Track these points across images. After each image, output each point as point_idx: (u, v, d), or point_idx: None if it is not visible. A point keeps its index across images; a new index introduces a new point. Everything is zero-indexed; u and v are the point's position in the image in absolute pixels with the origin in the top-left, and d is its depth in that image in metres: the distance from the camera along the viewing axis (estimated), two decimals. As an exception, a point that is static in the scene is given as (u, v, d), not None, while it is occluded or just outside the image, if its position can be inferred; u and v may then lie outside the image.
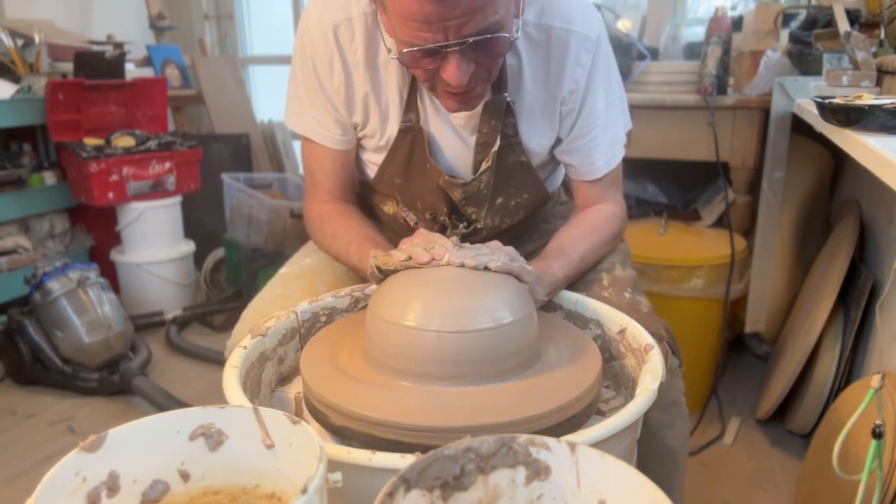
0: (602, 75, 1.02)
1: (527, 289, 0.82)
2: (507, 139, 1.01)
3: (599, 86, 1.02)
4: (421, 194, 1.07)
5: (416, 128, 1.01)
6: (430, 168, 1.03)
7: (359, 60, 0.99)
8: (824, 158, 2.06)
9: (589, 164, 1.05)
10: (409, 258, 0.81)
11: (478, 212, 1.06)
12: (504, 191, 1.06)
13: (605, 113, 1.04)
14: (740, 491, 1.64)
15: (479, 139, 1.00)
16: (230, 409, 0.63)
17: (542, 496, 0.57)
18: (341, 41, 0.98)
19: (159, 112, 2.80)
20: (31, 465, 1.79)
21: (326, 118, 1.05)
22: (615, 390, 0.91)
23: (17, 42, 2.50)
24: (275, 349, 0.90)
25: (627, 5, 2.78)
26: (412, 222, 1.12)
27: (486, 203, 1.05)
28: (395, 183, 1.08)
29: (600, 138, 1.04)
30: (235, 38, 3.75)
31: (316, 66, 1.01)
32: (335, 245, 1.05)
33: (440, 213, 1.07)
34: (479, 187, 1.03)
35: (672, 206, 2.29)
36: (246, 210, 2.61)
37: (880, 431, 0.89)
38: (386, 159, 1.06)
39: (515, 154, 1.03)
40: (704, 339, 1.97)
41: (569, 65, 0.99)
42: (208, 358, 2.33)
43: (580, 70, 0.99)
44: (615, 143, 1.06)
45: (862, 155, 0.98)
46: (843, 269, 1.67)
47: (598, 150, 1.04)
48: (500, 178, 1.04)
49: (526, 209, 1.10)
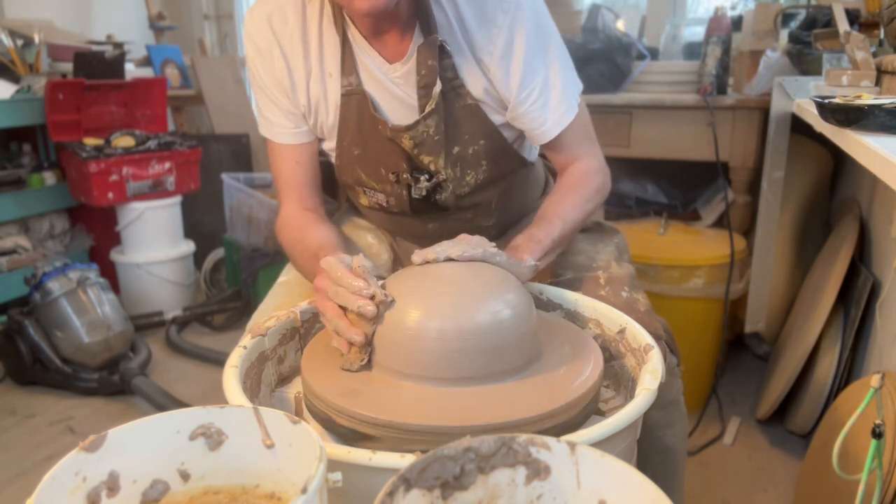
0: (527, 35, 0.99)
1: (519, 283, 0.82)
2: (448, 82, 1.00)
3: (526, 46, 0.99)
4: (380, 157, 1.06)
5: (357, 90, 1.01)
6: (380, 126, 1.02)
7: (296, 41, 1.01)
8: (824, 158, 2.06)
9: (538, 125, 1.03)
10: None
11: (434, 161, 1.04)
12: (458, 138, 1.04)
13: (545, 71, 1.01)
14: (740, 491, 1.64)
15: (420, 82, 0.99)
16: (230, 409, 0.63)
17: (542, 496, 0.57)
18: (275, 28, 1.01)
19: (159, 112, 2.80)
20: (31, 465, 1.79)
21: (276, 114, 1.06)
22: (615, 390, 0.91)
23: (16, 42, 2.50)
24: (275, 349, 0.90)
25: (627, 5, 2.79)
26: (384, 202, 1.11)
27: (441, 150, 1.03)
28: (355, 155, 1.07)
29: (544, 97, 1.01)
30: (235, 38, 3.76)
31: (256, 64, 1.04)
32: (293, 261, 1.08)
33: (401, 170, 1.06)
34: (429, 132, 1.01)
35: (672, 206, 2.29)
36: (246, 210, 2.62)
37: (880, 431, 0.89)
38: (339, 132, 1.06)
39: (460, 97, 1.02)
40: (704, 338, 1.97)
41: (485, 24, 0.98)
42: (208, 358, 2.33)
43: (496, 30, 0.98)
44: (563, 100, 1.03)
45: (862, 155, 0.98)
46: (843, 269, 1.67)
47: (543, 109, 1.02)
48: (451, 124, 1.03)
49: (487, 159, 1.07)
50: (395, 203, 1.10)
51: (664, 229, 2.11)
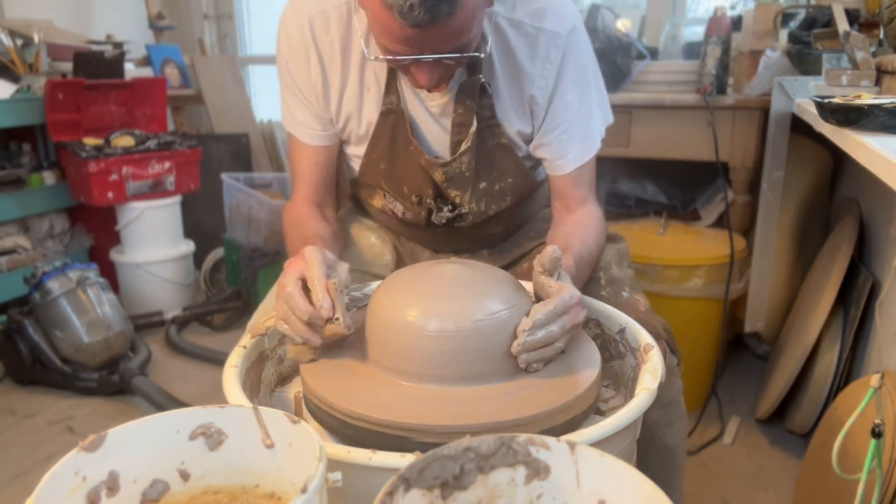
0: (574, 69, 1.01)
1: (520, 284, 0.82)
2: (484, 121, 1.01)
3: (571, 79, 1.01)
4: (406, 178, 1.07)
5: (396, 110, 1.02)
6: (413, 149, 1.03)
7: (335, 50, 1.01)
8: (824, 158, 2.06)
9: (561, 156, 1.04)
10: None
11: (461, 195, 1.06)
12: (487, 175, 1.06)
13: (579, 105, 1.03)
14: (740, 491, 1.64)
15: (455, 119, 1.01)
16: (230, 409, 0.63)
17: (541, 496, 0.57)
18: (316, 33, 1.00)
19: (159, 112, 2.80)
20: (31, 465, 1.79)
21: (305, 114, 1.06)
22: (615, 390, 0.91)
23: (16, 42, 2.50)
24: (274, 349, 0.90)
25: (627, 5, 2.78)
26: (399, 213, 1.12)
27: (469, 186, 1.05)
28: (381, 168, 1.08)
29: (573, 130, 1.03)
30: (235, 37, 3.75)
31: (289, 63, 1.03)
32: (287, 245, 1.07)
33: (425, 195, 1.07)
34: (461, 169, 1.03)
35: (672, 205, 2.29)
36: (245, 210, 2.62)
37: (880, 431, 0.89)
38: (370, 144, 1.06)
39: (495, 136, 1.03)
40: (704, 338, 1.97)
41: (538, 61, 0.99)
42: (208, 358, 2.33)
43: (549, 66, 1.00)
44: (589, 136, 1.05)
45: (861, 155, 0.98)
46: (843, 269, 1.67)
47: (570, 141, 1.04)
48: (482, 161, 1.04)
49: (512, 195, 1.09)
50: (410, 217, 1.11)
51: (664, 229, 2.11)
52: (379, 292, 0.80)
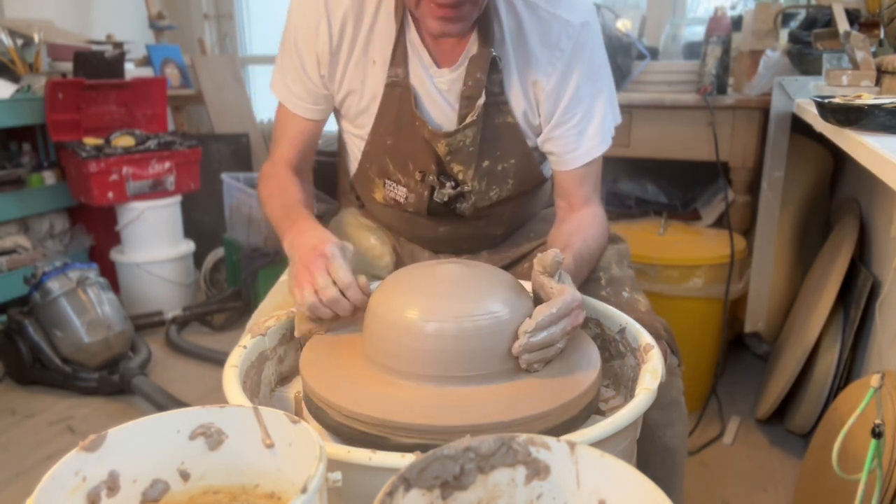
0: (587, 63, 1.01)
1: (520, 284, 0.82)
2: (493, 96, 1.01)
3: (584, 73, 1.01)
4: (411, 153, 1.07)
5: (402, 83, 1.02)
6: (418, 124, 1.03)
7: (347, 23, 1.01)
8: (824, 158, 2.06)
9: (571, 150, 1.04)
10: None
11: (464, 171, 1.05)
12: (491, 153, 1.05)
13: (591, 100, 1.03)
14: (740, 491, 1.64)
15: (464, 92, 1.00)
16: (230, 409, 0.63)
17: (541, 496, 0.57)
18: (329, 4, 1.01)
19: (159, 112, 2.80)
20: (31, 465, 1.79)
21: (298, 83, 1.07)
22: (615, 390, 0.91)
23: (16, 42, 2.50)
24: (274, 349, 0.90)
25: (627, 5, 2.78)
26: (402, 198, 1.11)
27: (473, 162, 1.04)
28: (387, 144, 1.08)
29: (584, 125, 1.03)
30: (235, 37, 3.75)
31: (297, 33, 1.04)
32: (267, 206, 1.09)
33: (428, 171, 1.07)
34: (465, 142, 1.02)
35: (672, 205, 2.29)
36: (246, 210, 2.61)
37: (880, 431, 0.89)
38: (377, 118, 1.06)
39: (502, 114, 1.03)
40: (704, 338, 1.97)
41: (548, 47, 0.99)
42: (208, 358, 2.33)
43: (558, 54, 1.00)
44: (599, 132, 1.05)
45: (862, 155, 0.98)
46: (843, 269, 1.67)
47: (581, 136, 1.04)
48: (487, 138, 1.04)
49: (514, 178, 1.09)
50: (413, 201, 1.10)
51: (664, 229, 2.11)
52: (379, 292, 0.80)
